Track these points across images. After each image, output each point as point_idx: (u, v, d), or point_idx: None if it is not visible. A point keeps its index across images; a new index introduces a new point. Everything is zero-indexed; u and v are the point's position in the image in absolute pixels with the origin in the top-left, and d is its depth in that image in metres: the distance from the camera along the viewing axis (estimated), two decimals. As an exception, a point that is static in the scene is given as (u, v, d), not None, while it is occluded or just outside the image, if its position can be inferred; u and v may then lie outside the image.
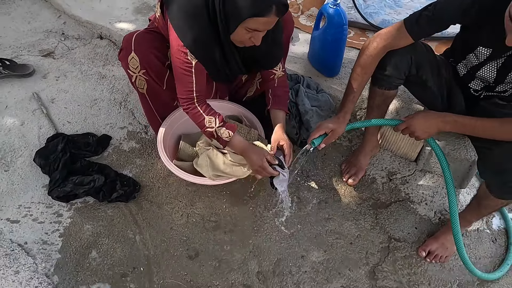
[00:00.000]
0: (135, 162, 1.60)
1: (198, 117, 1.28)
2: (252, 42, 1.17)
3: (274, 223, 1.45)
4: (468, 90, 1.33)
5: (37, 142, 1.63)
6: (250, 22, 1.09)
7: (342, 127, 1.29)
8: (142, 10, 2.29)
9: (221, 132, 1.29)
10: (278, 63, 1.41)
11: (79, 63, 2.04)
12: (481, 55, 1.18)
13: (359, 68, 1.28)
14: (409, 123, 1.22)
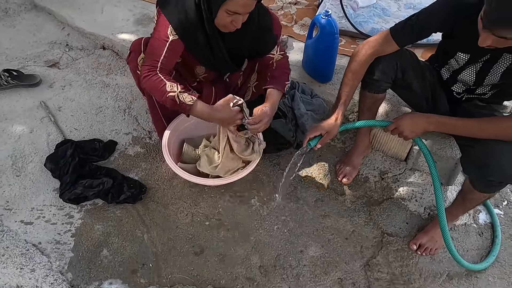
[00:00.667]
0: (140, 166, 1.68)
1: (159, 83, 1.27)
2: (234, 26, 1.23)
3: (274, 220, 1.54)
4: (451, 92, 1.44)
5: (46, 148, 1.71)
6: (229, 4, 1.16)
7: (335, 128, 1.39)
8: (142, 22, 2.38)
9: (183, 97, 1.27)
10: (272, 48, 1.43)
11: (84, 72, 2.13)
12: (461, 60, 1.29)
13: (350, 73, 1.38)
14: (397, 123, 1.31)
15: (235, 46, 1.39)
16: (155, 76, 1.29)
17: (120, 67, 2.17)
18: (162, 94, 1.28)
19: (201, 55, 1.38)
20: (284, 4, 2.63)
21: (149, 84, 1.30)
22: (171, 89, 1.28)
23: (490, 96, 1.37)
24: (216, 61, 1.41)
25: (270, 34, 1.44)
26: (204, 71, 1.55)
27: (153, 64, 1.30)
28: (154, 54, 1.31)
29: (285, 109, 1.75)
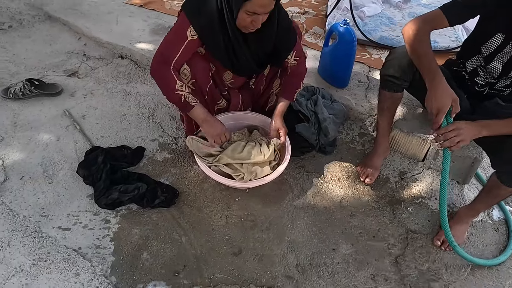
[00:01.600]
0: (170, 171, 1.72)
1: (170, 79, 1.37)
2: (254, 26, 1.31)
3: (304, 220, 1.59)
4: (473, 86, 1.52)
5: (74, 156, 1.73)
6: (248, 5, 1.24)
7: (453, 94, 1.32)
8: (158, 32, 2.43)
9: (189, 98, 1.41)
10: (293, 47, 1.51)
11: (104, 81, 2.15)
12: (496, 42, 1.36)
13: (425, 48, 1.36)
14: (458, 132, 1.29)
15: (257, 47, 1.46)
16: (167, 71, 1.39)
17: (140, 76, 2.20)
18: (171, 90, 1.39)
19: (223, 56, 1.45)
20: (294, 14, 2.73)
21: (160, 76, 1.41)
22: (180, 88, 1.40)
23: (509, 94, 1.47)
24: (238, 63, 1.48)
25: (290, 34, 1.51)
26: (231, 77, 1.61)
27: (167, 60, 1.38)
28: (170, 51, 1.38)
29: (308, 113, 1.82)
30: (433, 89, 1.33)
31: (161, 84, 1.43)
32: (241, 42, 1.40)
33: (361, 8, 2.63)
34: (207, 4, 1.33)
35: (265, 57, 1.51)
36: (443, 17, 1.39)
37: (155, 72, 1.42)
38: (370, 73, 2.19)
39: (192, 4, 1.37)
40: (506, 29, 1.34)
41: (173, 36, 1.39)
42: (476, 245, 1.61)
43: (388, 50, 2.37)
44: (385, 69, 1.52)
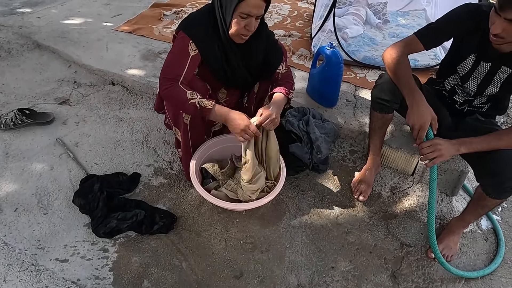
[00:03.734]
0: (166, 196, 1.72)
1: (181, 92, 1.39)
2: (247, 30, 1.38)
3: (303, 239, 1.61)
4: (454, 104, 1.62)
5: (69, 185, 1.72)
6: (242, 6, 1.31)
7: (431, 112, 1.38)
8: (149, 57, 2.48)
9: (203, 102, 1.40)
10: (281, 59, 1.60)
11: (96, 108, 2.16)
12: (470, 62, 1.47)
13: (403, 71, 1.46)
14: (435, 147, 1.35)
15: (249, 57, 1.53)
16: (177, 87, 1.41)
17: (132, 101, 2.22)
18: (184, 102, 1.40)
19: (218, 68, 1.51)
20: (280, 37, 2.83)
21: (170, 94, 1.42)
22: (192, 96, 1.41)
23: (487, 109, 1.57)
24: (233, 73, 1.54)
25: (278, 47, 1.62)
26: (225, 95, 1.67)
27: (176, 78, 1.42)
28: (176, 68, 1.43)
29: (300, 133, 1.87)
30: (414, 107, 1.41)
31: (174, 102, 1.45)
32: (235, 49, 1.47)
33: (344, 30, 2.75)
34: (200, 19, 1.43)
35: (257, 67, 1.58)
36: (418, 42, 1.50)
37: (165, 94, 1.42)
38: (357, 92, 2.27)
39: (187, 22, 1.46)
40: (477, 49, 1.44)
41: (175, 55, 1.44)
42: (468, 255, 1.67)
43: (372, 69, 2.49)
44: (376, 92, 1.60)
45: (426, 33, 1.49)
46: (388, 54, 1.52)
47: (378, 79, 1.64)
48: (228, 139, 1.73)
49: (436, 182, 1.43)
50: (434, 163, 1.38)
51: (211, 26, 1.42)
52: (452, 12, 1.48)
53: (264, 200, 1.55)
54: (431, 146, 1.38)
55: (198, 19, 1.45)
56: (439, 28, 1.48)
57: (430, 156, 1.38)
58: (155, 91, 2.22)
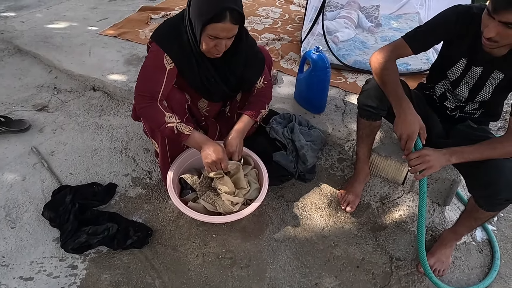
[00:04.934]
0: (143, 208, 1.64)
1: (159, 113, 1.32)
2: (217, 50, 1.29)
3: (285, 253, 1.53)
4: (445, 110, 1.54)
5: (41, 196, 1.63)
6: (209, 29, 1.22)
7: (420, 121, 1.31)
8: (132, 62, 2.40)
9: (181, 128, 1.35)
10: (262, 70, 1.51)
11: (75, 115, 2.09)
12: (460, 67, 1.39)
13: (391, 77, 1.39)
14: (424, 158, 1.27)
15: (226, 70, 1.44)
16: (154, 107, 1.34)
17: (113, 108, 2.15)
18: (161, 124, 1.34)
19: (195, 81, 1.43)
20: (269, 41, 2.76)
21: (148, 114, 1.36)
22: (170, 120, 1.35)
23: (479, 116, 1.49)
24: (210, 86, 1.45)
25: (258, 60, 1.51)
26: (206, 104, 1.59)
27: (154, 95, 1.34)
28: (153, 84, 1.34)
29: (285, 141, 1.79)
30: (401, 115, 1.33)
31: (150, 122, 1.40)
32: (209, 66, 1.38)
33: (335, 33, 2.68)
34: (176, 30, 1.33)
35: (235, 80, 1.49)
36: (406, 46, 1.42)
37: (142, 113, 1.37)
38: (346, 97, 2.20)
39: (161, 33, 1.35)
40: (468, 53, 1.37)
41: (151, 70, 1.35)
42: (461, 269, 1.58)
43: (363, 74, 2.42)
44: (363, 99, 1.52)
45: (414, 36, 1.42)
46: (375, 58, 1.45)
47: (365, 84, 1.57)
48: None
49: (426, 194, 1.35)
50: (424, 175, 1.30)
51: (186, 37, 1.32)
52: (441, 14, 1.41)
53: (244, 211, 1.46)
54: (419, 157, 1.30)
55: (172, 29, 1.33)
56: (428, 31, 1.40)
57: (419, 168, 1.30)
58: (137, 97, 2.14)
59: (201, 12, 1.21)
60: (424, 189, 1.36)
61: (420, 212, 1.39)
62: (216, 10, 1.19)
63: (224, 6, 1.19)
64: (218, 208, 1.50)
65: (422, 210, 1.37)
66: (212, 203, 1.51)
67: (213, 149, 1.39)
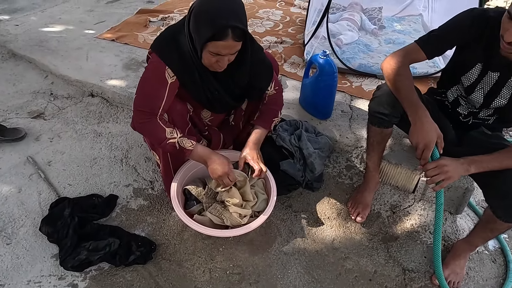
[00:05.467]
0: (146, 220, 1.57)
1: (158, 128, 1.26)
2: (220, 66, 1.22)
3: (296, 267, 1.46)
4: (457, 116, 1.49)
5: (38, 209, 1.56)
6: (210, 46, 1.14)
7: (437, 129, 1.26)
8: (131, 66, 2.33)
9: (183, 143, 1.29)
10: (269, 83, 1.44)
11: (72, 122, 2.01)
12: (476, 72, 1.34)
13: (405, 82, 1.33)
14: (442, 169, 1.22)
15: (230, 82, 1.37)
16: (154, 123, 1.27)
17: (112, 114, 2.07)
18: (162, 140, 1.28)
19: (198, 94, 1.36)
20: (271, 44, 2.70)
21: (147, 130, 1.30)
22: (171, 135, 1.29)
23: (493, 122, 1.44)
24: (213, 99, 1.38)
25: (265, 67, 1.43)
26: (209, 114, 1.52)
27: (154, 110, 1.27)
28: (153, 100, 1.27)
29: (292, 149, 1.72)
30: (417, 124, 1.28)
31: (150, 138, 1.33)
32: (212, 79, 1.31)
33: (338, 36, 2.63)
34: (177, 41, 1.24)
35: (240, 91, 1.42)
36: (419, 50, 1.37)
37: (141, 128, 1.30)
38: (352, 102, 2.14)
39: (162, 44, 1.27)
40: (484, 58, 1.32)
41: (151, 83, 1.26)
42: (476, 280, 1.53)
43: (368, 78, 2.36)
44: (374, 106, 1.46)
45: (428, 41, 1.37)
46: (388, 64, 1.39)
47: (376, 90, 1.51)
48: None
49: (443, 206, 1.30)
50: (442, 186, 1.24)
51: (187, 49, 1.23)
52: (455, 18, 1.36)
53: (253, 224, 1.40)
54: (437, 168, 1.24)
55: (173, 39, 1.24)
56: (442, 35, 1.35)
57: (436, 179, 1.24)
58: (137, 103, 2.07)
59: (201, 29, 1.14)
60: (441, 200, 1.30)
61: (436, 224, 1.33)
62: (217, 28, 1.11)
63: (226, 24, 1.11)
64: (225, 221, 1.43)
65: (439, 222, 1.32)
66: (219, 216, 1.44)
67: (219, 162, 1.33)
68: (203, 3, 1.14)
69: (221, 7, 1.12)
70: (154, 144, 1.36)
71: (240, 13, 1.15)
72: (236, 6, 1.15)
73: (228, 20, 1.10)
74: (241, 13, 1.16)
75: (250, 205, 1.47)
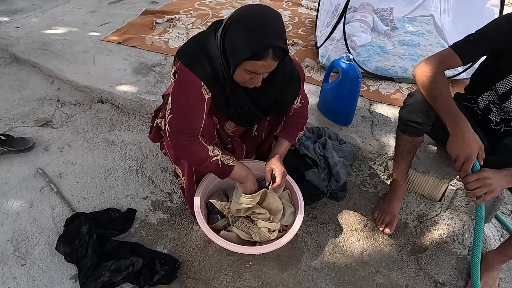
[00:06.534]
0: (167, 236, 1.49)
1: (202, 149, 1.21)
2: (253, 83, 1.16)
3: (327, 284, 1.40)
4: (488, 123, 1.44)
5: (52, 226, 1.47)
6: (247, 65, 1.08)
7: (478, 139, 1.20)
8: (141, 71, 2.24)
9: (226, 160, 1.26)
10: (297, 95, 1.37)
11: (82, 130, 1.92)
12: (510, 82, 1.29)
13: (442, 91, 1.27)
14: (485, 181, 1.18)
15: (261, 97, 1.30)
16: (198, 143, 1.21)
17: (124, 122, 1.98)
18: (205, 160, 1.23)
19: (228, 109, 1.29)
20: (283, 46, 2.62)
21: (190, 152, 1.22)
22: (214, 153, 1.24)
23: None
24: (242, 113, 1.32)
25: (294, 80, 1.35)
26: (233, 125, 1.45)
27: (195, 131, 1.20)
28: (195, 119, 1.19)
29: (317, 158, 1.66)
30: (458, 134, 1.22)
31: (193, 160, 1.26)
32: (242, 93, 1.24)
33: (352, 38, 2.56)
34: (208, 54, 1.14)
35: (269, 104, 1.35)
36: (455, 56, 1.32)
37: (183, 151, 1.22)
38: (372, 107, 2.08)
39: (194, 58, 1.15)
40: None
41: (190, 102, 1.17)
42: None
43: (385, 81, 2.31)
44: (406, 114, 1.40)
45: (465, 46, 1.31)
46: (422, 71, 1.33)
47: (408, 97, 1.45)
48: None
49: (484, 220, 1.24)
50: (484, 200, 1.19)
51: (218, 62, 1.15)
52: (493, 22, 1.31)
53: (282, 240, 1.33)
54: (479, 180, 1.19)
55: (204, 52, 1.14)
56: (480, 40, 1.30)
57: (478, 192, 1.19)
58: (149, 110, 1.98)
59: (240, 47, 1.05)
60: (482, 214, 1.25)
61: (475, 239, 1.28)
62: (257, 48, 1.03)
63: (267, 44, 1.03)
64: (253, 236, 1.36)
65: (479, 237, 1.27)
66: (246, 231, 1.37)
67: (252, 183, 1.34)
68: (243, 18, 1.06)
69: (263, 24, 1.04)
70: (194, 165, 1.30)
71: (281, 31, 1.08)
72: (277, 23, 1.07)
73: (270, 40, 1.03)
74: (282, 30, 1.08)
75: (278, 217, 1.41)
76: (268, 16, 1.07)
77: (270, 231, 1.37)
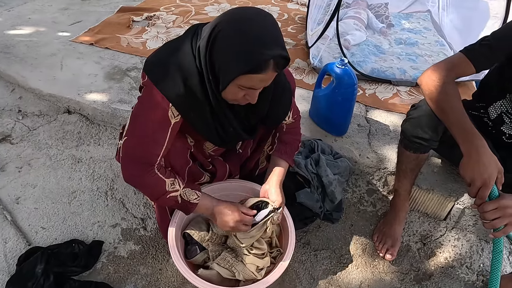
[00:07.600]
0: (138, 272, 1.30)
1: (157, 182, 1.03)
2: (247, 100, 0.97)
3: (322, 325, 1.23)
4: (500, 135, 1.28)
5: (3, 264, 1.26)
6: (243, 80, 0.89)
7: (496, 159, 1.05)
8: (114, 76, 2.02)
9: (187, 195, 1.07)
10: (289, 108, 1.19)
11: (46, 146, 1.70)
12: None
13: (453, 102, 1.11)
14: (505, 205, 1.02)
15: (248, 116, 1.11)
16: (152, 176, 1.02)
17: (93, 135, 1.77)
18: (161, 194, 1.05)
19: (207, 131, 1.08)
20: (271, 46, 2.42)
21: (141, 183, 1.04)
22: (173, 188, 1.05)
23: None
24: (226, 135, 1.12)
25: (286, 93, 1.16)
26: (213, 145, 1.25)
27: (151, 160, 1.01)
28: (151, 146, 1.00)
29: (309, 176, 1.48)
30: (473, 155, 1.04)
31: (147, 193, 1.09)
32: (227, 112, 1.03)
33: (345, 37, 2.38)
34: (183, 68, 0.94)
35: (256, 121, 1.16)
36: (467, 62, 1.15)
37: (135, 182, 1.05)
38: (368, 114, 1.91)
39: (164, 73, 0.94)
40: None
41: (149, 125, 0.98)
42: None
43: (382, 84, 2.13)
44: (411, 129, 1.23)
45: (479, 51, 1.13)
46: (429, 79, 1.15)
47: (413, 109, 1.27)
48: (220, 187, 1.32)
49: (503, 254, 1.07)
50: (505, 232, 1.02)
51: (198, 74, 0.94)
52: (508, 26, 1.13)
53: (270, 278, 1.14)
54: (498, 210, 1.02)
55: (178, 66, 0.94)
56: (496, 45, 1.12)
57: (498, 224, 1.02)
58: (121, 121, 1.78)
59: (234, 61, 0.87)
60: (501, 247, 1.08)
61: (493, 274, 1.11)
62: (258, 61, 0.85)
63: (270, 54, 0.85)
64: (237, 275, 1.18)
65: (497, 272, 1.10)
66: (229, 269, 1.19)
67: (227, 212, 1.11)
68: (234, 25, 0.86)
69: (260, 31, 0.86)
70: (150, 199, 1.13)
71: (279, 36, 0.90)
72: (273, 28, 0.88)
73: (270, 49, 0.85)
74: (280, 36, 0.90)
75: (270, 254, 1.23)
76: (263, 21, 0.88)
77: (258, 269, 1.18)
